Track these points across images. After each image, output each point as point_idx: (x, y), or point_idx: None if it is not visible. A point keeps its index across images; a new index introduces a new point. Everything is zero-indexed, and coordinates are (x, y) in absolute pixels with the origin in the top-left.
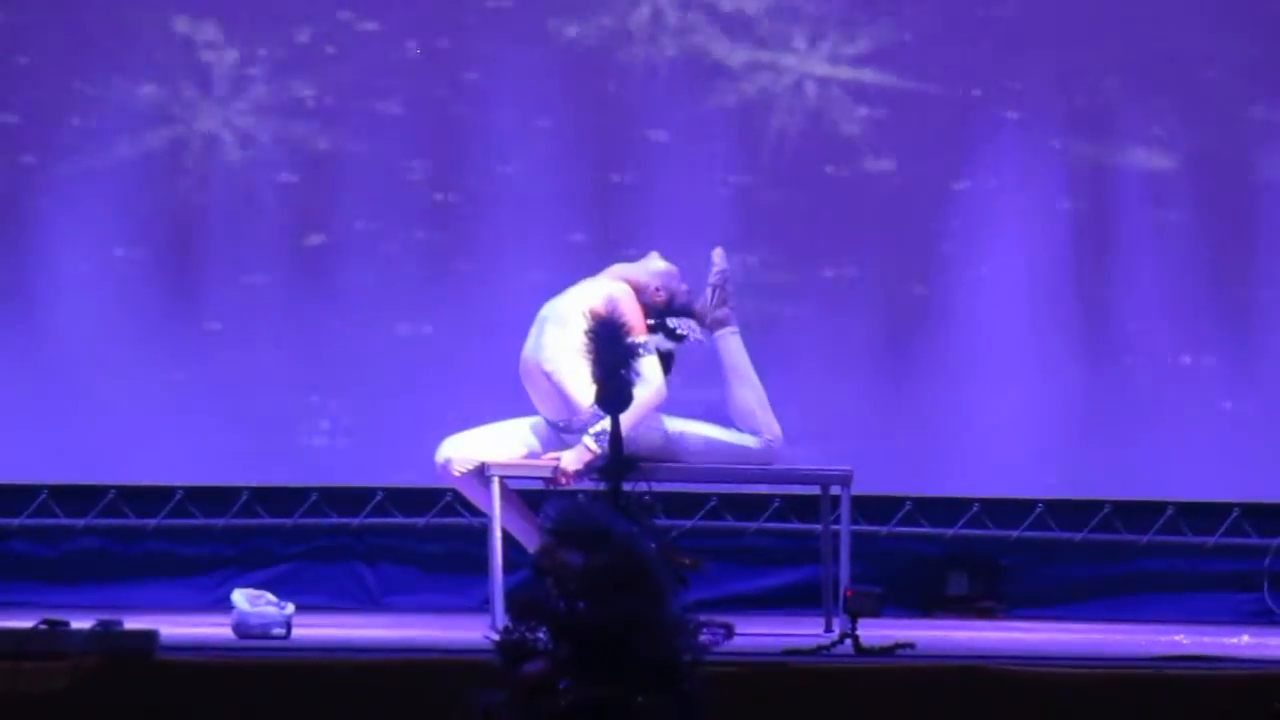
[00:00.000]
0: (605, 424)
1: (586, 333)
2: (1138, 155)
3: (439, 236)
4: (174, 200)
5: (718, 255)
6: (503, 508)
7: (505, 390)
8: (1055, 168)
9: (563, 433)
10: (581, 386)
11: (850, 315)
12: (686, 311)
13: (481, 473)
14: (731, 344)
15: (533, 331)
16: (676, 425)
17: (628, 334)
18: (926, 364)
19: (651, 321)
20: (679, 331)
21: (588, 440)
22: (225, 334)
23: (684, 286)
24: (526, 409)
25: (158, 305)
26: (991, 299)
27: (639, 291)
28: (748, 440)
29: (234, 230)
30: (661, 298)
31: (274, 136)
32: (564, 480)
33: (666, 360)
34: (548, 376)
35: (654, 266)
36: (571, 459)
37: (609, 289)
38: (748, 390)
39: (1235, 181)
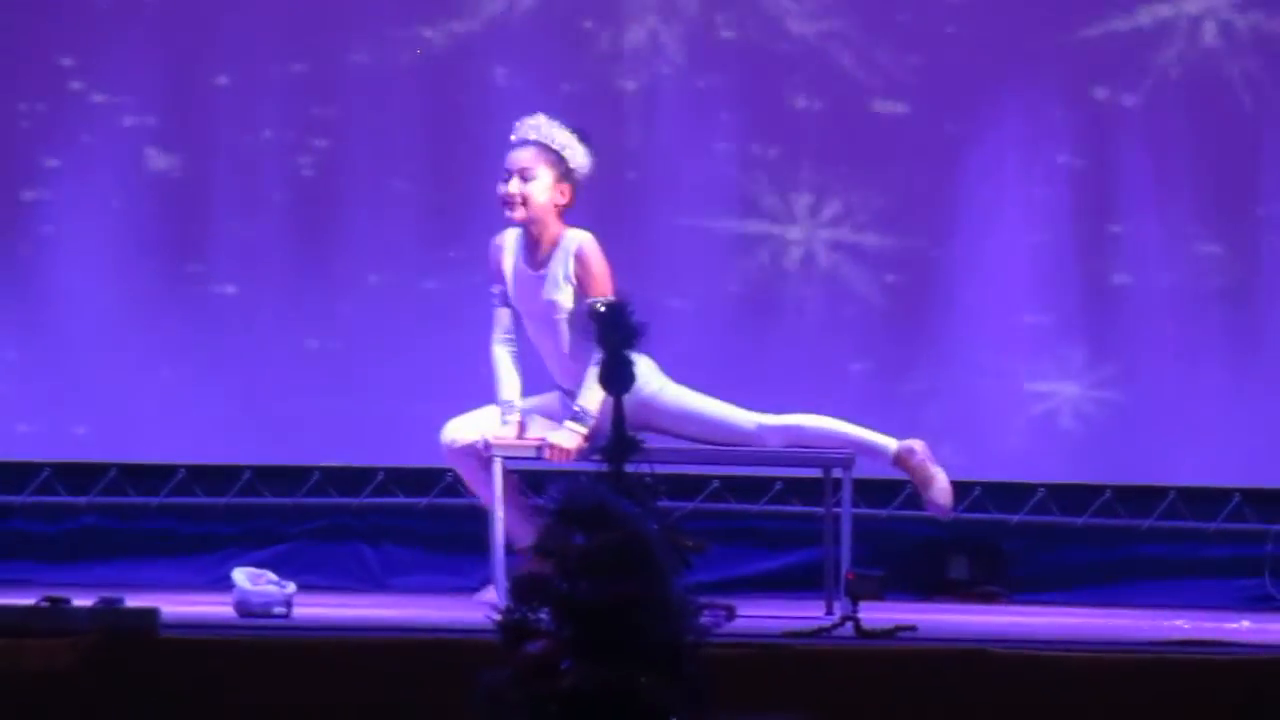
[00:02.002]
0: (588, 401)
1: (590, 315)
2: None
3: (443, 216)
4: (177, 179)
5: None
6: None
7: None
8: (1058, 148)
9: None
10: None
11: (851, 296)
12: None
13: (482, 453)
14: None
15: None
16: (686, 396)
17: (632, 314)
18: (928, 346)
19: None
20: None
21: (571, 424)
22: (229, 313)
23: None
24: (532, 389)
25: (161, 284)
26: (993, 282)
27: (559, 203)
28: (744, 418)
29: (240, 211)
30: (565, 192)
31: (285, 117)
32: (554, 455)
33: None
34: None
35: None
36: (563, 437)
37: (578, 239)
38: None
39: (1239, 163)
